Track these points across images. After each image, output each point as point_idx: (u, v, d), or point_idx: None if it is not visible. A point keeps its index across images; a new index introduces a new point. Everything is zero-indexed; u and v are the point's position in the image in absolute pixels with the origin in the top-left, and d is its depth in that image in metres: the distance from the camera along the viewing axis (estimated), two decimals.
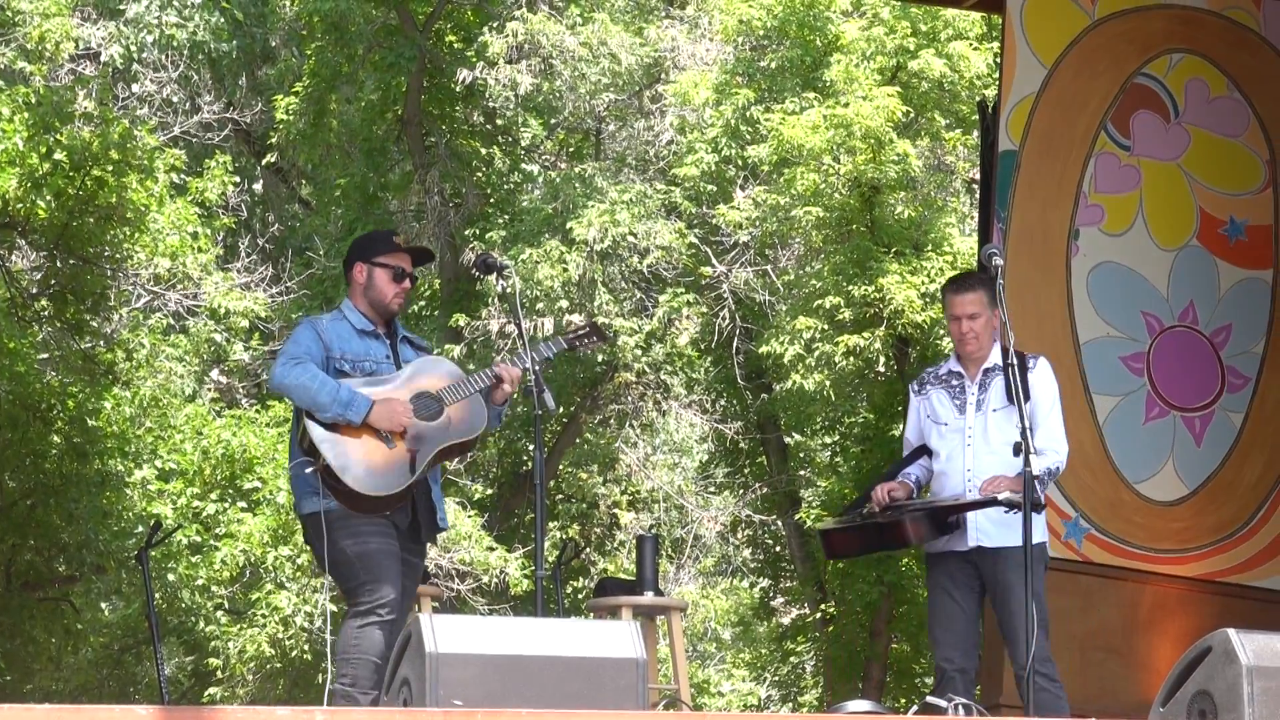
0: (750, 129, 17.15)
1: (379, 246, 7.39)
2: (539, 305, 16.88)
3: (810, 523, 17.98)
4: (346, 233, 18.36)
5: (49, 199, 14.12)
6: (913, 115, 16.85)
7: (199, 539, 16.11)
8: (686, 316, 17.79)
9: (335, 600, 12.21)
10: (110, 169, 14.30)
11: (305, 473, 7.08)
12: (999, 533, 7.48)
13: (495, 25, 18.20)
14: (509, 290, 7.74)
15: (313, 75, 18.63)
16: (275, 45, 20.35)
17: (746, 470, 20.17)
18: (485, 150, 18.95)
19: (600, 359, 17.64)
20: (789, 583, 19.96)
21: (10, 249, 14.97)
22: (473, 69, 18.14)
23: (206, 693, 17.38)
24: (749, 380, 18.84)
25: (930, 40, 16.73)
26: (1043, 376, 7.57)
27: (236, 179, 18.30)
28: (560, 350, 7.53)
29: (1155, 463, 9.78)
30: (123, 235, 14.76)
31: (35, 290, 15.09)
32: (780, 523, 19.35)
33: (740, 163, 17.37)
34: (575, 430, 19.36)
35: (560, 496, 20.16)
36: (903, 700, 17.64)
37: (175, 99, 19.86)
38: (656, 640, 11.35)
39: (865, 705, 7.68)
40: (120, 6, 19.19)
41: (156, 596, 11.75)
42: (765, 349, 16.73)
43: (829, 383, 16.29)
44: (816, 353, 16.29)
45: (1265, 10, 10.15)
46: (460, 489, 17.86)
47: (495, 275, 7.43)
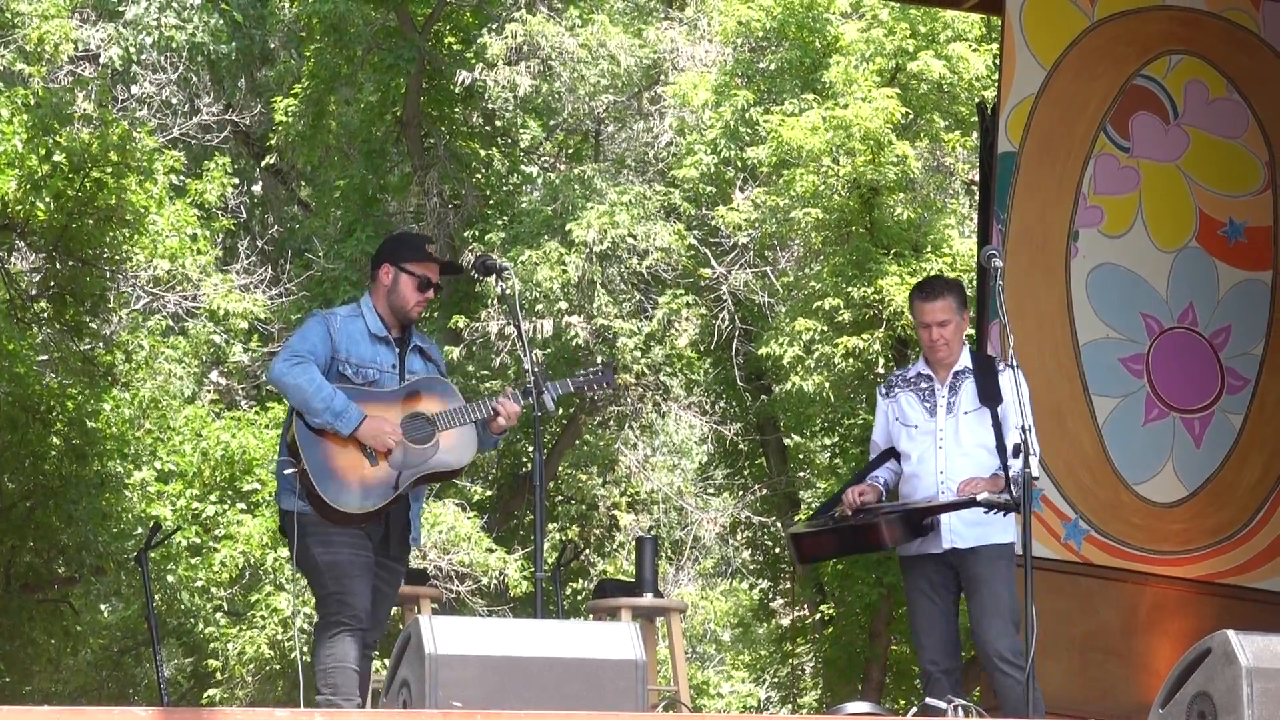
0: (749, 130, 17.14)
1: (410, 253, 7.33)
2: (538, 307, 16.87)
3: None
4: (345, 234, 18.35)
5: (48, 201, 14.13)
6: (912, 117, 16.84)
7: (198, 540, 16.10)
8: (686, 318, 17.77)
9: (306, 602, 12.20)
10: (109, 171, 14.31)
11: (285, 473, 7.07)
12: (972, 533, 7.59)
13: (494, 27, 18.19)
14: (508, 292, 7.71)
15: (312, 77, 18.62)
16: (274, 47, 20.34)
17: (746, 472, 20.15)
18: (484, 152, 18.94)
19: (600, 360, 17.62)
20: (788, 584, 19.95)
21: (10, 251, 14.96)
22: (472, 70, 18.13)
23: (206, 694, 17.38)
24: (748, 382, 18.83)
25: (929, 42, 16.72)
26: (1012, 379, 7.57)
27: (235, 181, 18.29)
28: (568, 391, 7.46)
29: (1155, 464, 9.78)
30: (122, 237, 14.76)
31: (35, 292, 15.09)
32: (780, 524, 19.33)
33: (739, 164, 17.36)
34: (575, 432, 19.35)
35: (560, 498, 20.15)
36: (902, 701, 17.63)
37: (174, 101, 19.86)
38: (656, 642, 11.35)
39: (864, 707, 7.72)
40: (119, 8, 19.19)
41: (156, 598, 11.74)
42: (764, 350, 16.73)
43: (828, 384, 16.29)
44: (816, 354, 16.29)
45: (1264, 12, 10.14)
46: (460, 490, 17.84)
47: (494, 277, 7.41)
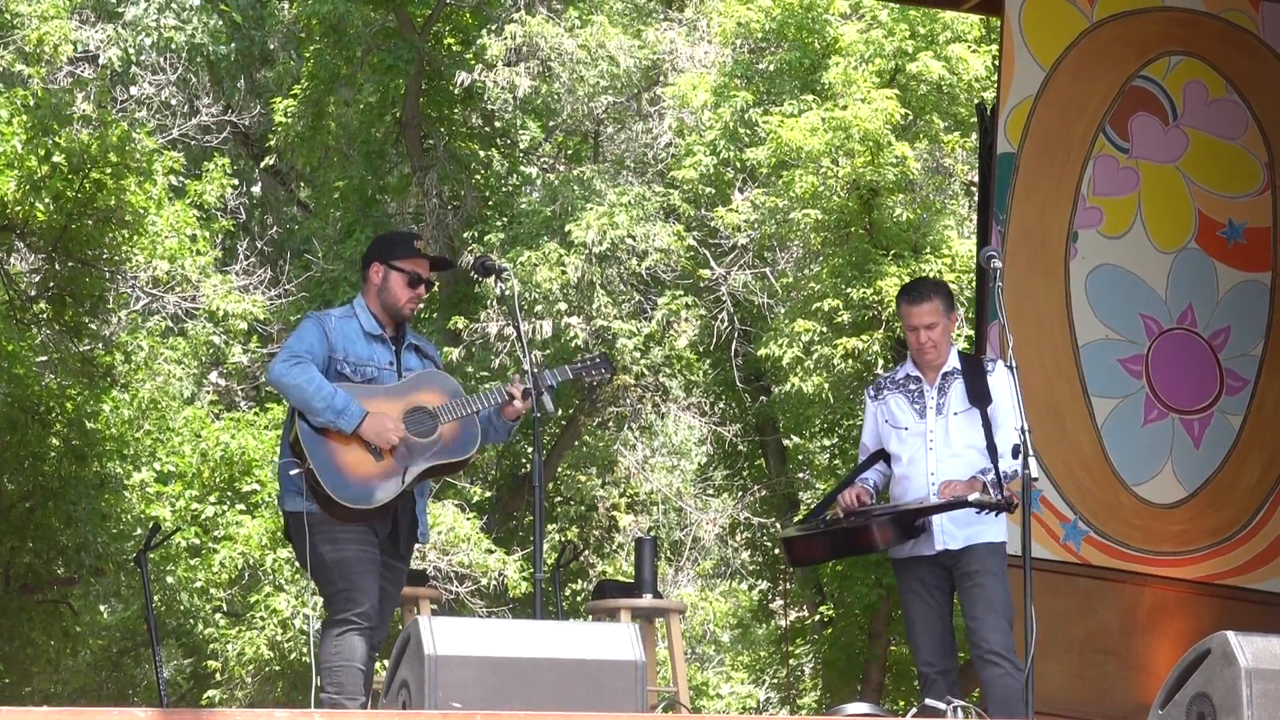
0: (749, 131, 17.14)
1: (399, 250, 7.33)
2: (538, 308, 16.87)
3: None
4: (345, 235, 18.35)
5: (48, 201, 14.13)
6: (911, 118, 16.84)
7: (198, 541, 16.10)
8: (685, 319, 17.77)
9: (305, 603, 12.21)
10: (109, 172, 14.31)
11: (290, 474, 7.07)
12: (964, 533, 7.60)
13: (493, 28, 18.19)
14: (507, 293, 7.71)
15: (311, 78, 18.62)
16: (273, 48, 20.35)
17: (745, 473, 20.15)
18: (484, 153, 18.94)
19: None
20: (788, 585, 19.95)
21: (9, 251, 14.96)
22: (471, 71, 18.14)
23: (205, 695, 17.37)
24: (748, 383, 18.83)
25: (929, 43, 16.72)
26: (1001, 380, 7.59)
27: (235, 181, 18.28)
28: (565, 379, 7.48)
29: (1154, 465, 9.77)
30: (121, 238, 14.76)
31: (34, 293, 15.08)
32: (779, 525, 19.33)
33: (739, 165, 17.36)
34: (574, 433, 19.34)
35: (559, 499, 20.14)
36: (901, 702, 17.63)
37: (174, 102, 19.86)
38: (655, 642, 11.34)
39: (864, 707, 7.71)
40: (119, 9, 19.19)
41: (155, 599, 11.74)
42: (764, 351, 16.72)
43: (828, 385, 16.29)
44: (815, 355, 16.28)
45: (1264, 12, 10.14)
46: (459, 491, 17.84)
47: (494, 278, 7.41)
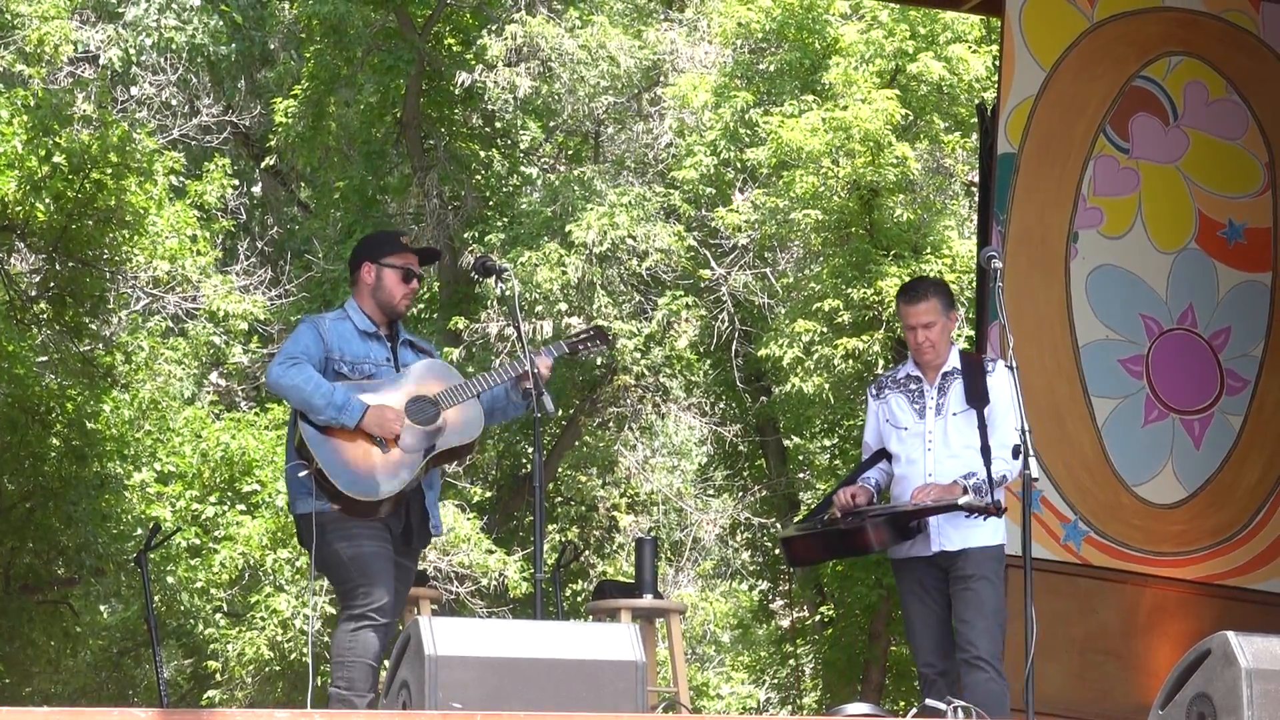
0: (749, 132, 17.14)
1: (387, 247, 7.39)
2: (538, 308, 16.86)
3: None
4: (345, 235, 18.34)
5: (48, 202, 14.13)
6: (911, 118, 16.84)
7: (198, 542, 16.11)
8: (685, 319, 17.77)
9: (331, 604, 12.21)
10: (109, 172, 14.31)
11: (299, 476, 7.09)
12: (961, 536, 7.58)
13: (494, 28, 18.19)
14: (508, 293, 7.73)
15: (311, 78, 18.62)
16: (274, 48, 20.34)
17: (745, 473, 20.15)
18: (484, 153, 18.94)
19: (600, 361, 17.63)
20: (788, 585, 19.95)
21: (9, 252, 14.96)
22: (471, 72, 18.14)
23: (205, 695, 17.37)
24: (748, 383, 18.83)
25: (929, 43, 16.72)
26: (1001, 380, 7.56)
27: (235, 182, 18.28)
28: (562, 354, 7.53)
29: (1154, 465, 9.77)
30: (122, 238, 14.76)
31: (34, 293, 15.08)
32: (779, 526, 19.33)
33: (739, 165, 17.36)
34: (574, 433, 19.34)
35: (559, 499, 20.14)
36: (902, 703, 17.63)
37: (174, 102, 19.86)
38: (655, 643, 11.34)
39: (864, 708, 7.70)
40: (119, 10, 19.19)
41: (155, 599, 11.74)
42: (764, 352, 16.72)
43: (828, 385, 16.29)
44: (815, 355, 16.28)
45: (1264, 13, 10.14)
46: (459, 492, 17.84)
47: (494, 278, 7.43)
